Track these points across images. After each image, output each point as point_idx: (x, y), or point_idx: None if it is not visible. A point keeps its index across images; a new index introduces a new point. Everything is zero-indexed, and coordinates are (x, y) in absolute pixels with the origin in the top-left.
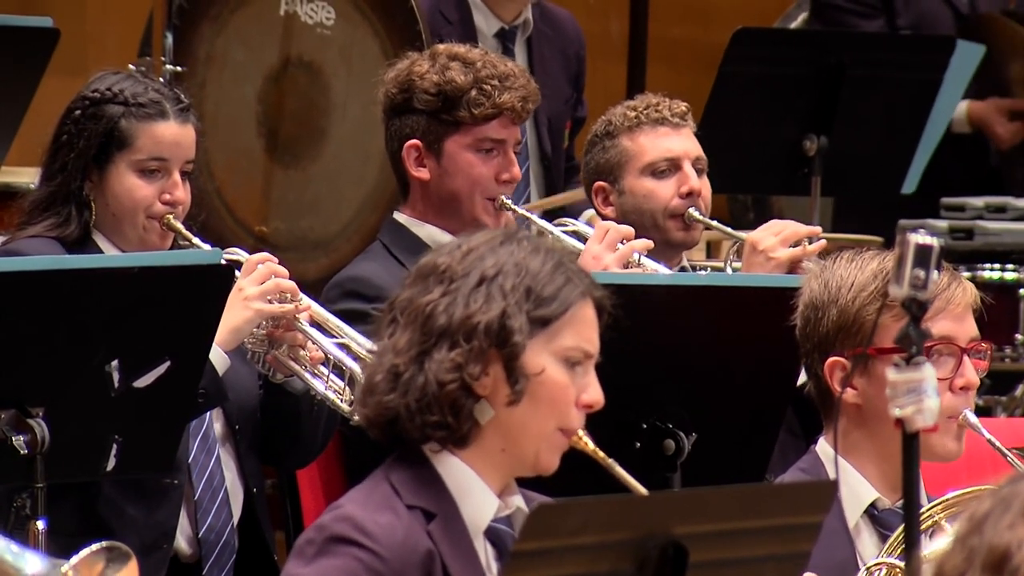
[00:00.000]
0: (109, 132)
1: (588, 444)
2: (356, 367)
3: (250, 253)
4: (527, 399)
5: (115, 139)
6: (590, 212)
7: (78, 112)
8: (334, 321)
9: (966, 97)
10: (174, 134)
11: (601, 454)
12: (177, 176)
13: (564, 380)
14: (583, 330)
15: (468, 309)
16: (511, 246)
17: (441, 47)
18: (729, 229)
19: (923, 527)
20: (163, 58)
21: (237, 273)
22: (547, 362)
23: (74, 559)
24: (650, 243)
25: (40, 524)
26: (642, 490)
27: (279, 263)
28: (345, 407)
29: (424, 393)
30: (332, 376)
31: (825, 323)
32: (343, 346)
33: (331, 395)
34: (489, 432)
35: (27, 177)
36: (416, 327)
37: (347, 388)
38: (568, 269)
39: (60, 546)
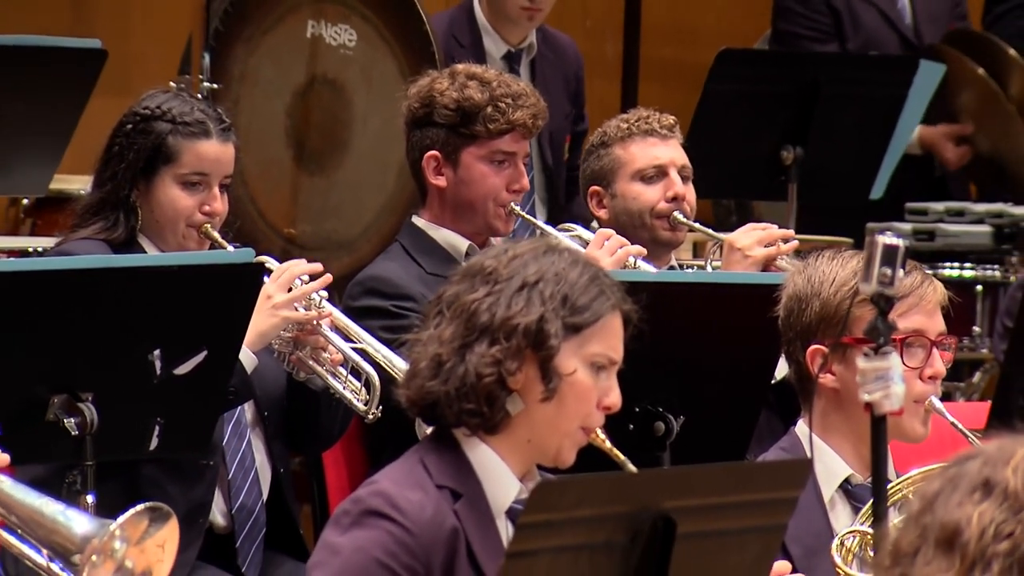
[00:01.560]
0: (157, 147)
1: (606, 443)
2: (372, 370)
3: (280, 254)
4: (557, 398)
5: (162, 153)
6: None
7: (129, 126)
8: (354, 328)
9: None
10: (216, 152)
11: (616, 452)
12: (216, 189)
13: (590, 383)
14: (610, 339)
15: (509, 310)
16: (553, 256)
17: (460, 67)
18: (710, 230)
19: (892, 501)
20: (201, 76)
21: (266, 279)
22: (577, 365)
23: (120, 519)
24: (643, 250)
25: (89, 498)
26: (630, 466)
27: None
28: (360, 406)
29: (463, 383)
30: (350, 377)
31: (808, 314)
32: (361, 351)
33: (348, 394)
34: (518, 423)
35: (78, 184)
36: (461, 321)
37: (363, 389)
38: (602, 283)
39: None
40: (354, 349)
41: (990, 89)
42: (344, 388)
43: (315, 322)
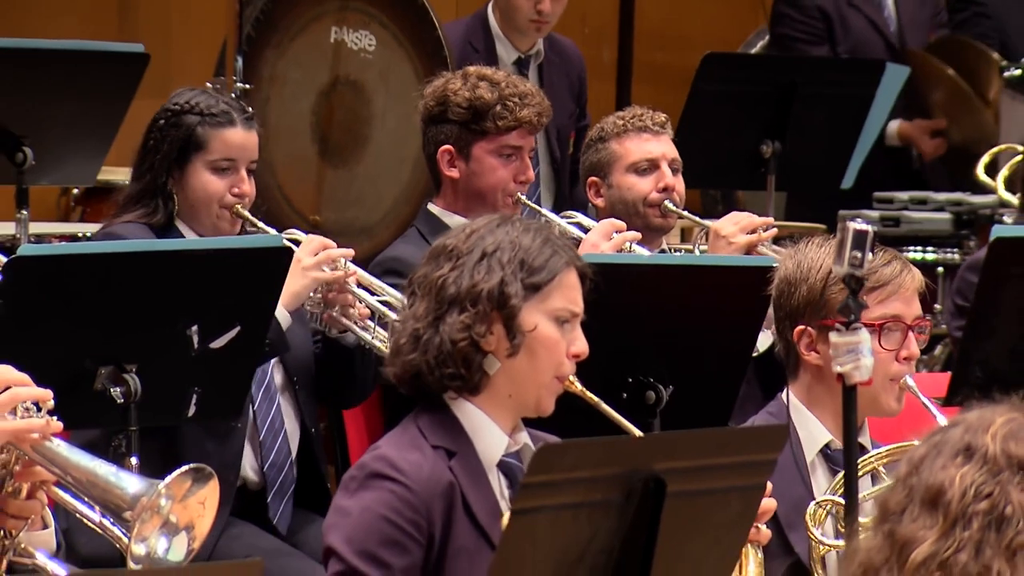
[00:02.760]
0: (187, 138)
1: (577, 386)
2: (397, 319)
3: (307, 235)
4: (525, 352)
5: (192, 143)
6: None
7: (162, 122)
8: (377, 283)
9: (897, 118)
10: (241, 138)
11: (589, 394)
12: (244, 173)
13: (555, 335)
14: (569, 293)
15: (473, 279)
16: (507, 226)
17: (472, 69)
18: (697, 218)
19: (864, 471)
20: (234, 78)
21: (296, 249)
22: (539, 320)
23: (167, 479)
24: (639, 235)
25: (133, 460)
26: (626, 424)
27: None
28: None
29: (440, 351)
30: (377, 328)
31: (796, 297)
32: (385, 303)
33: (378, 343)
34: (497, 381)
35: (123, 175)
36: (431, 297)
37: (390, 337)
38: (554, 243)
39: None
40: (381, 302)
41: (959, 87)
42: (374, 338)
43: (342, 280)
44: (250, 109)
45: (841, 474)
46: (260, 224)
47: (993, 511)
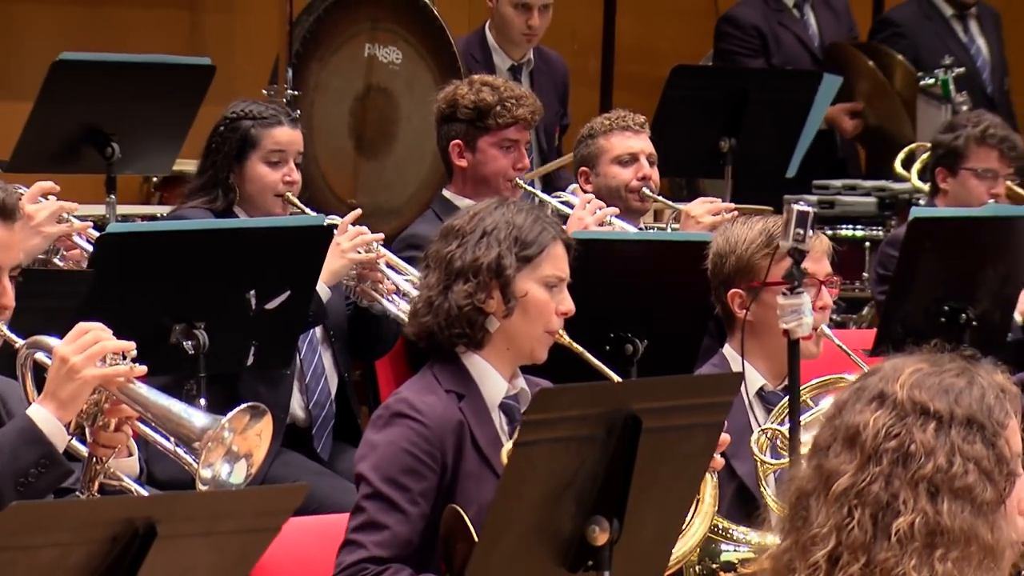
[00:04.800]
0: (243, 139)
1: (565, 338)
2: (417, 294)
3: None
4: (519, 312)
5: (248, 143)
6: (573, 185)
7: (222, 128)
8: (403, 264)
9: None
10: (288, 135)
11: (576, 345)
12: (292, 165)
13: (544, 298)
14: (556, 262)
15: (475, 255)
16: (503, 208)
17: (476, 77)
18: (670, 202)
19: None
20: (285, 85)
21: (336, 234)
22: (531, 287)
23: (229, 414)
24: (616, 210)
25: (202, 401)
26: (608, 371)
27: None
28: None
29: (449, 314)
30: (401, 301)
31: (727, 266)
32: (410, 281)
33: (399, 314)
34: (497, 337)
35: (192, 166)
36: (441, 270)
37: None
38: (543, 220)
39: None
40: (405, 280)
41: (878, 78)
42: (398, 310)
43: (373, 262)
44: (294, 112)
45: (778, 406)
46: (306, 210)
47: (900, 449)
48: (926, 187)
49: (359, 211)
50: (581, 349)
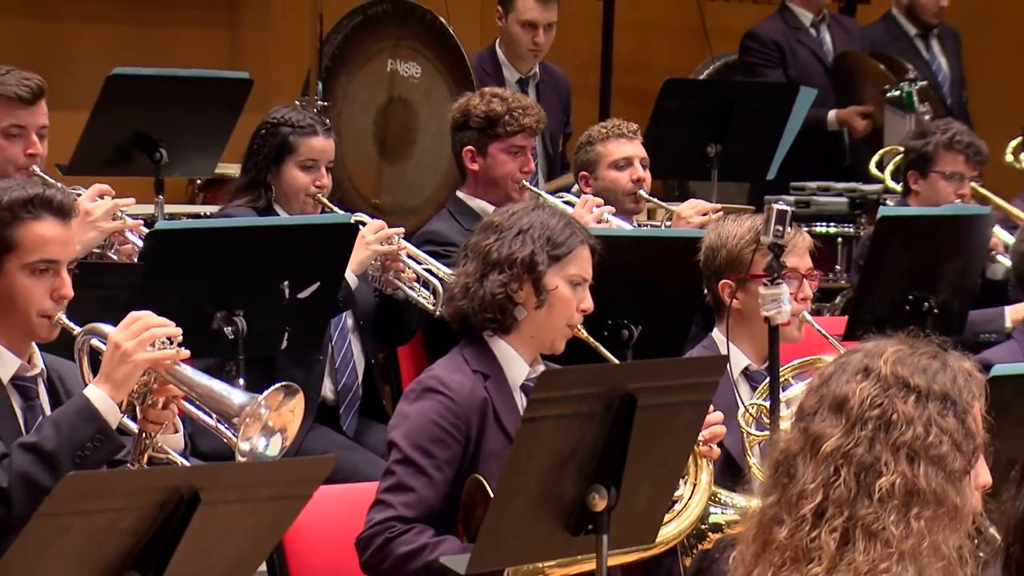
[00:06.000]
0: (281, 144)
1: (583, 333)
2: (436, 283)
3: (370, 217)
4: (547, 306)
5: (286, 148)
6: (575, 187)
7: (263, 132)
8: (422, 255)
9: (836, 107)
10: (322, 144)
11: (592, 340)
12: (324, 170)
13: (569, 295)
14: (582, 263)
15: (511, 249)
16: (539, 210)
17: (487, 89)
18: (663, 203)
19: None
20: (316, 97)
21: (362, 228)
22: (559, 282)
23: (265, 393)
24: (612, 208)
25: (241, 381)
26: (607, 354)
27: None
28: (429, 307)
29: (483, 301)
30: (421, 289)
31: (718, 259)
32: (428, 270)
33: (421, 300)
34: (524, 325)
35: (234, 169)
36: (479, 259)
37: (431, 296)
38: (574, 226)
39: None
40: (424, 269)
41: (888, 79)
42: (418, 296)
43: (395, 253)
44: (328, 122)
45: (763, 384)
46: (334, 208)
47: (883, 417)
48: (898, 187)
49: (402, 229)
50: (596, 343)
